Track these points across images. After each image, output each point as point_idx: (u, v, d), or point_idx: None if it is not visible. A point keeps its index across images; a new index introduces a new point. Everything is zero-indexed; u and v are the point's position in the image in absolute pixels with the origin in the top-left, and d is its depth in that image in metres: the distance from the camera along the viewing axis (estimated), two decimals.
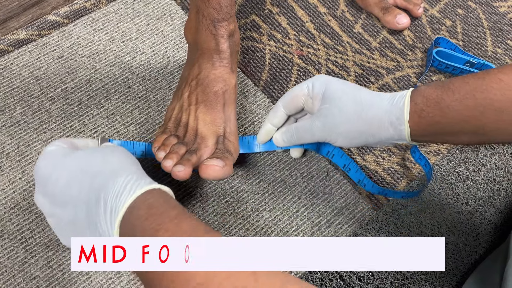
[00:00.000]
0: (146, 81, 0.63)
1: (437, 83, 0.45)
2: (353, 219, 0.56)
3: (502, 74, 0.41)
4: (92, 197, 0.38)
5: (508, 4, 0.73)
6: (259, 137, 0.56)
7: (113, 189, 0.37)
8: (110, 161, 0.40)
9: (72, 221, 0.40)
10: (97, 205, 0.38)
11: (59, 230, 0.42)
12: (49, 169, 0.41)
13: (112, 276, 0.51)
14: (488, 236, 0.56)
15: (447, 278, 0.53)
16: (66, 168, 0.40)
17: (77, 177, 0.39)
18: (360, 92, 0.48)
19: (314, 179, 0.58)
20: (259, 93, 0.64)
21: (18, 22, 0.66)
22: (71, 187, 0.39)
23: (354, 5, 0.72)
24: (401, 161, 0.60)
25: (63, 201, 0.40)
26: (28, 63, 0.63)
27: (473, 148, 0.61)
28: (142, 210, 0.36)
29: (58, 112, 0.60)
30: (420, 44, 0.69)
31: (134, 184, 0.37)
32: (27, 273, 0.50)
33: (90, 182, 0.39)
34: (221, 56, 0.54)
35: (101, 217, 0.38)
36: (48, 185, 0.41)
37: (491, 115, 0.41)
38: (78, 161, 0.40)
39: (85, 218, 0.39)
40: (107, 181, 0.38)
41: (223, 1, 0.52)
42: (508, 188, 0.59)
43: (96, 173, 0.39)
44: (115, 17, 0.68)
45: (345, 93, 0.48)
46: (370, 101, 0.47)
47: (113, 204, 0.37)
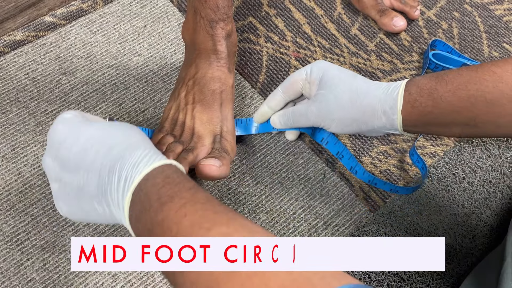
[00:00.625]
0: (143, 83, 0.63)
1: (432, 74, 0.45)
2: (350, 221, 0.56)
3: (495, 67, 0.41)
4: (106, 165, 0.38)
5: (504, 7, 0.73)
6: (255, 117, 0.57)
7: (130, 160, 0.37)
8: (128, 135, 0.40)
9: (80, 187, 0.39)
10: (111, 173, 0.37)
11: (62, 196, 0.41)
12: (65, 133, 0.40)
13: (109, 278, 0.51)
14: (484, 238, 0.56)
15: (443, 280, 0.53)
16: (83, 135, 0.40)
17: (94, 145, 0.39)
18: (356, 80, 0.49)
19: (311, 181, 0.58)
20: (256, 95, 0.64)
21: (14, 23, 0.66)
22: (86, 154, 0.39)
23: (351, 8, 0.72)
24: (398, 163, 0.60)
25: (75, 166, 0.39)
26: (24, 64, 0.63)
27: (469, 151, 0.61)
28: (159, 178, 0.36)
29: (55, 114, 0.60)
30: (417, 47, 0.69)
31: (151, 157, 0.37)
32: (23, 275, 0.50)
33: (106, 152, 0.38)
34: (218, 56, 0.55)
35: (113, 185, 0.37)
36: (61, 149, 0.40)
37: (483, 106, 0.41)
38: (96, 130, 0.40)
39: (95, 185, 0.38)
40: (124, 152, 0.38)
41: (220, 2, 0.52)
42: (504, 190, 0.59)
43: (114, 144, 0.38)
44: (112, 19, 0.67)
45: (341, 80, 0.49)
46: (365, 89, 0.48)
47: (128, 173, 0.37)
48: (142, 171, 0.36)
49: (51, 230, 0.53)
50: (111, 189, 0.37)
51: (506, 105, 0.41)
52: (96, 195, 0.38)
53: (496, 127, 0.43)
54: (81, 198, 0.39)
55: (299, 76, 0.52)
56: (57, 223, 0.53)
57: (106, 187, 0.37)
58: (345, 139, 0.61)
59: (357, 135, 0.61)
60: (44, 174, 0.56)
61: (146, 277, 0.51)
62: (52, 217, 0.53)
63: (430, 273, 0.53)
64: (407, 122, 0.46)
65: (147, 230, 0.35)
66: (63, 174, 0.40)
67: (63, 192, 0.40)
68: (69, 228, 0.53)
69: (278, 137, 0.60)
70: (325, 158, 0.60)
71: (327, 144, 0.56)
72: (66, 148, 0.40)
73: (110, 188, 0.37)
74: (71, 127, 0.40)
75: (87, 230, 0.53)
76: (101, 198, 0.38)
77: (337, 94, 0.49)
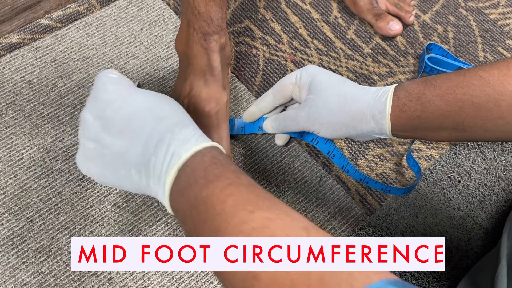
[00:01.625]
0: (139, 86, 0.63)
1: (421, 79, 0.46)
2: (346, 224, 0.56)
3: (483, 72, 0.42)
4: (154, 136, 0.38)
5: (498, 11, 0.74)
6: (244, 115, 0.59)
7: (178, 136, 0.37)
8: (176, 110, 0.40)
9: (121, 152, 0.38)
10: (159, 146, 0.37)
11: (97, 157, 0.40)
12: (115, 95, 0.40)
13: (105, 282, 0.50)
14: (479, 240, 0.56)
15: (439, 283, 0.53)
16: (133, 100, 0.39)
17: (143, 112, 0.38)
18: (345, 86, 0.50)
19: (307, 184, 0.58)
20: (253, 98, 0.64)
21: (10, 26, 0.66)
22: (133, 120, 0.38)
23: (347, 11, 0.72)
24: (394, 166, 0.60)
25: (120, 130, 0.39)
26: (20, 67, 0.62)
27: (464, 154, 0.61)
28: (207, 157, 0.37)
29: (51, 117, 0.59)
30: (412, 50, 0.69)
31: (200, 137, 0.38)
32: (18, 279, 0.50)
33: (155, 123, 0.38)
34: (213, 72, 0.54)
35: (159, 158, 0.37)
36: (108, 109, 0.39)
37: (470, 110, 0.42)
38: (146, 98, 0.40)
39: (139, 153, 0.38)
40: (173, 128, 0.38)
41: (214, 14, 0.51)
42: (499, 193, 0.59)
43: (163, 117, 0.38)
44: (109, 22, 0.67)
45: (331, 85, 0.50)
46: (355, 94, 0.48)
47: (176, 149, 0.37)
48: (190, 149, 0.37)
49: (47, 233, 0.53)
50: (156, 161, 0.37)
51: (493, 109, 0.41)
52: (137, 164, 0.38)
53: (484, 131, 0.43)
54: (118, 162, 0.38)
55: (289, 80, 0.53)
56: (53, 226, 0.53)
57: (150, 158, 0.37)
58: (341, 142, 0.61)
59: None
60: (39, 178, 0.55)
61: (142, 280, 0.51)
62: (48, 220, 0.53)
63: (426, 276, 0.54)
64: (396, 126, 0.46)
65: (189, 205, 0.35)
66: (103, 135, 0.39)
67: (99, 153, 0.39)
68: (65, 232, 0.53)
69: (274, 140, 0.61)
70: (321, 161, 0.60)
71: (318, 143, 0.57)
72: (114, 110, 0.39)
73: (155, 160, 0.37)
74: (121, 90, 0.40)
75: (84, 233, 0.53)
76: (141, 167, 0.38)
77: (326, 99, 0.49)
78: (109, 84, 0.40)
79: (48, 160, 0.57)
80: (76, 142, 0.58)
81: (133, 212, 0.55)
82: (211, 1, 0.51)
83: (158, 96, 0.41)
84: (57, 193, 0.55)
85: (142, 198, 0.56)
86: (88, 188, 0.56)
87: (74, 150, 0.58)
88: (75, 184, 0.56)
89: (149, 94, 0.41)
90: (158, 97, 0.41)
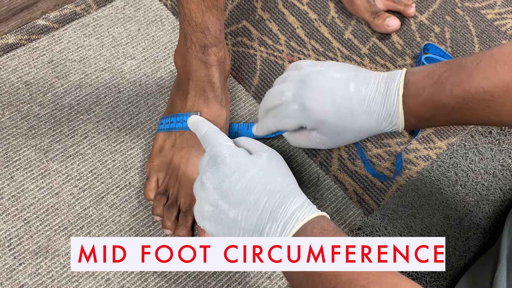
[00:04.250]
0: (136, 86, 0.63)
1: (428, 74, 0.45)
2: (344, 224, 0.56)
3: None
4: (268, 208, 0.40)
5: (495, 11, 0.74)
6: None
7: (290, 208, 0.40)
8: (287, 180, 0.43)
9: (236, 219, 0.41)
10: (272, 218, 0.40)
11: (213, 219, 0.43)
12: (233, 168, 0.42)
13: (102, 283, 0.50)
14: (477, 240, 0.57)
15: (437, 283, 0.53)
16: (248, 174, 0.42)
17: (257, 187, 0.41)
18: (343, 106, 0.47)
19: (305, 184, 0.58)
20: (250, 98, 0.64)
21: (7, 26, 0.65)
22: (249, 194, 0.41)
23: (344, 12, 0.72)
24: (391, 166, 0.60)
25: (236, 201, 0.41)
26: (17, 68, 0.62)
27: (462, 154, 0.61)
28: (316, 229, 0.39)
29: (48, 117, 0.59)
30: (409, 50, 0.69)
31: (307, 207, 0.40)
32: (15, 280, 0.50)
33: (269, 196, 0.41)
34: (213, 88, 0.54)
35: (272, 229, 0.40)
36: (226, 181, 0.42)
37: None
38: (260, 171, 0.42)
39: (253, 223, 0.41)
40: (285, 200, 0.40)
41: (211, 25, 0.51)
42: (497, 193, 0.59)
43: (277, 190, 0.41)
44: (106, 22, 0.67)
45: (328, 116, 0.47)
46: (357, 117, 0.47)
47: (287, 221, 0.39)
48: (301, 221, 0.39)
49: (44, 234, 0.52)
50: (269, 232, 0.40)
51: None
52: (250, 230, 0.41)
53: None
54: (233, 227, 0.42)
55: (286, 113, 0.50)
56: (50, 227, 0.53)
57: (264, 228, 0.40)
58: None
59: None
60: (36, 179, 0.55)
61: (140, 281, 0.51)
62: (45, 221, 0.53)
63: (424, 276, 0.54)
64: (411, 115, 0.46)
65: (304, 274, 0.38)
66: (221, 203, 0.42)
67: (216, 217, 0.43)
68: (62, 233, 0.53)
69: (272, 140, 0.61)
70: (319, 162, 0.60)
71: None
72: (231, 182, 0.42)
73: (268, 230, 0.40)
74: (239, 163, 0.43)
75: (81, 234, 0.53)
76: (255, 234, 0.41)
77: (327, 129, 0.48)
78: (228, 157, 0.43)
79: (45, 161, 0.57)
80: (73, 143, 0.58)
81: (130, 213, 0.55)
82: (208, 12, 0.50)
83: (270, 164, 0.43)
84: (54, 194, 0.55)
85: (139, 199, 0.55)
86: (85, 189, 0.55)
87: (71, 151, 0.57)
88: (72, 185, 0.55)
89: (263, 165, 0.43)
90: (270, 166, 0.43)
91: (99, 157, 0.58)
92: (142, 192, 0.56)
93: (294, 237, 0.39)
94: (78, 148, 0.58)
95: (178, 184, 0.53)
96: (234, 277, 0.52)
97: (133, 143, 0.59)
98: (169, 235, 0.53)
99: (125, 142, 0.59)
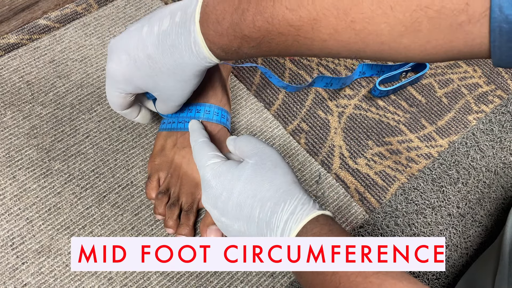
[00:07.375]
0: None
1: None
2: (346, 222, 0.56)
3: None
4: (263, 219, 0.40)
5: None
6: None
7: (283, 215, 0.40)
8: (276, 184, 0.41)
9: (240, 231, 0.42)
10: (268, 228, 0.40)
11: (224, 230, 0.45)
12: (219, 189, 0.43)
13: (105, 282, 0.51)
14: (478, 238, 0.57)
15: (439, 281, 0.54)
16: (234, 190, 0.42)
17: (247, 200, 0.41)
18: (139, 56, 0.42)
19: (306, 182, 0.58)
20: (252, 97, 0.64)
21: (8, 26, 0.65)
22: (242, 209, 0.41)
23: None
24: (393, 164, 0.60)
25: (234, 217, 0.42)
26: (18, 67, 0.62)
27: (463, 152, 0.61)
28: (315, 230, 0.39)
29: (49, 117, 0.59)
30: None
31: (300, 211, 0.39)
32: (18, 279, 0.50)
33: (260, 207, 0.41)
34: (213, 87, 0.55)
35: (272, 236, 0.40)
36: (218, 202, 0.43)
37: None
38: (246, 185, 0.42)
39: (255, 233, 0.41)
40: (275, 207, 0.40)
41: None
42: (498, 190, 0.59)
43: (267, 198, 0.41)
44: (107, 22, 0.67)
45: (130, 74, 0.43)
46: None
47: (282, 232, 0.39)
48: (294, 229, 0.39)
49: (46, 233, 0.53)
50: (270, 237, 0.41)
51: None
52: (257, 236, 0.42)
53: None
54: (242, 236, 0.43)
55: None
56: (52, 226, 0.53)
57: (265, 235, 0.41)
58: (340, 141, 0.61)
59: (354, 134, 0.61)
60: (38, 178, 0.56)
61: (142, 280, 0.51)
62: (47, 221, 0.53)
63: (425, 273, 0.54)
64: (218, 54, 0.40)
65: (308, 280, 0.38)
66: (223, 219, 0.44)
67: (225, 230, 0.44)
68: (64, 232, 0.53)
69: (273, 139, 0.61)
70: (320, 160, 0.60)
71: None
72: (223, 202, 0.43)
73: (269, 236, 0.41)
74: (223, 183, 0.43)
75: (83, 233, 0.53)
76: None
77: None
78: (212, 179, 0.44)
79: (47, 160, 0.57)
80: (75, 142, 0.58)
81: (132, 212, 0.55)
82: None
83: (256, 172, 0.42)
84: (56, 194, 0.55)
85: (141, 198, 0.56)
86: (87, 188, 0.56)
87: (73, 150, 0.58)
88: (74, 184, 0.56)
89: (248, 175, 0.42)
90: (256, 174, 0.42)
91: (101, 156, 0.58)
92: (144, 191, 0.56)
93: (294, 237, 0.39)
94: (80, 147, 0.58)
95: (180, 183, 0.53)
96: (236, 275, 0.52)
97: (135, 142, 0.59)
98: (171, 234, 0.53)
99: (127, 141, 0.59)
